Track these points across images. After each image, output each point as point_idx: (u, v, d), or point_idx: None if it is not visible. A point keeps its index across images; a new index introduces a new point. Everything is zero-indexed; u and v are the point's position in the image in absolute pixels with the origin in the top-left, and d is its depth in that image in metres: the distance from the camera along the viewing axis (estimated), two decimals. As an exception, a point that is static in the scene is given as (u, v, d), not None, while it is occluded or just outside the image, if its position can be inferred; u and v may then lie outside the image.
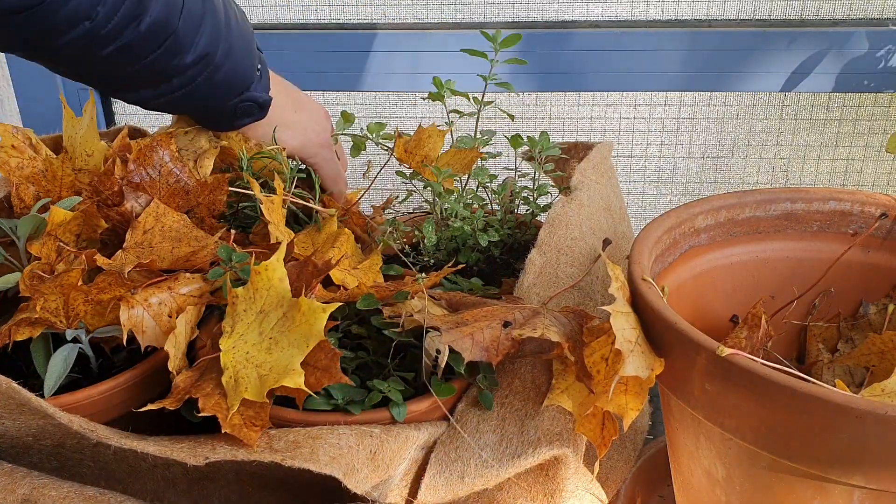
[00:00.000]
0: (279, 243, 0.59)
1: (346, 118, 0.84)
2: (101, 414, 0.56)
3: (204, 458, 0.48)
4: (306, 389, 0.50)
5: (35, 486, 0.49)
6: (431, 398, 0.57)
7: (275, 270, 0.55)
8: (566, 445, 0.55)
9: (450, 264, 0.68)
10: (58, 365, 0.57)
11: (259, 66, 0.70)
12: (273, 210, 0.66)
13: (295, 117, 0.76)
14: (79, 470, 0.54)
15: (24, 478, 0.49)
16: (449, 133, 0.81)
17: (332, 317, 0.63)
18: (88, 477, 0.54)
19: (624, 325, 0.51)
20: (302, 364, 0.51)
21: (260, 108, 0.71)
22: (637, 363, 0.50)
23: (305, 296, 0.53)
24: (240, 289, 0.56)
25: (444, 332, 0.54)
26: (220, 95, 0.68)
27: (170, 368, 0.55)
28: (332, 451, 0.49)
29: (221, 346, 0.54)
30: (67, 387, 0.57)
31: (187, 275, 0.61)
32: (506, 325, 0.56)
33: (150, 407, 0.53)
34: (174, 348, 0.56)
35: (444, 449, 0.55)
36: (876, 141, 1.18)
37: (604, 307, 0.51)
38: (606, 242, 0.67)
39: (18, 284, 0.59)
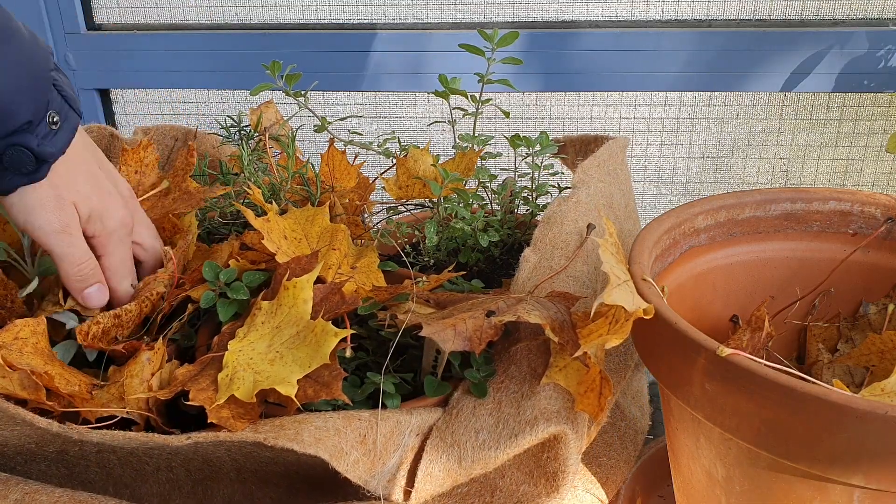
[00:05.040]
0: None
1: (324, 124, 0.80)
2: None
3: (186, 438, 0.49)
4: (295, 400, 0.51)
5: (27, 491, 0.50)
6: (431, 397, 0.57)
7: (302, 290, 0.56)
8: (564, 422, 0.55)
9: (450, 268, 0.68)
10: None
11: (52, 113, 0.54)
12: (272, 231, 0.64)
13: (98, 173, 0.60)
14: (87, 476, 0.54)
15: (17, 484, 0.50)
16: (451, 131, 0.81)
17: (335, 322, 0.64)
18: (97, 483, 0.54)
19: (613, 262, 0.51)
20: (304, 377, 0.52)
21: (36, 164, 0.54)
22: (623, 295, 0.50)
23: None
24: (265, 302, 0.57)
25: (426, 325, 0.54)
26: None
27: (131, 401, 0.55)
28: (317, 432, 0.49)
29: (229, 347, 0.55)
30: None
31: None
32: (489, 314, 0.56)
33: (140, 395, 0.54)
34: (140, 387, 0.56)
35: (440, 434, 0.55)
36: (876, 141, 1.18)
37: (594, 238, 0.51)
38: (591, 227, 0.67)
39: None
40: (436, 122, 1.21)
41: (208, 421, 0.50)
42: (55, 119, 0.55)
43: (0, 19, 0.52)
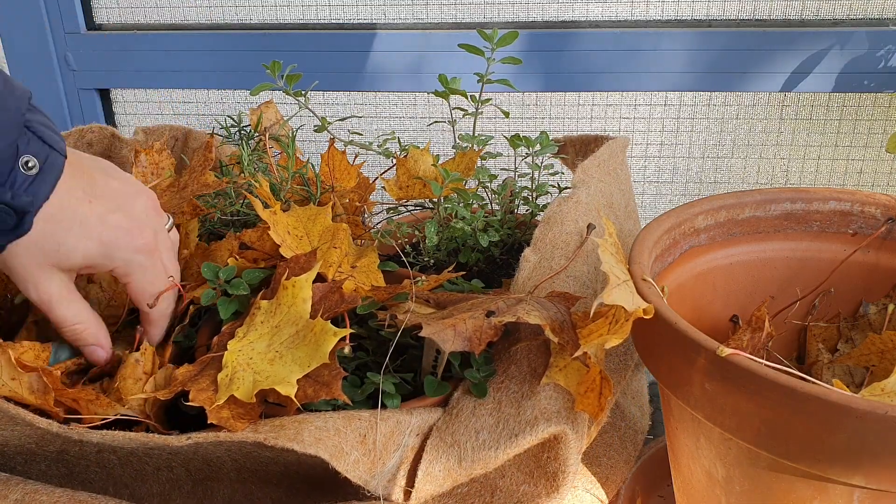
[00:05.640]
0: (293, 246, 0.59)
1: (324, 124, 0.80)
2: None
3: (187, 438, 0.49)
4: (295, 400, 0.51)
5: (27, 490, 0.50)
6: (431, 397, 0.57)
7: (301, 289, 0.56)
8: (564, 422, 0.55)
9: (450, 268, 0.68)
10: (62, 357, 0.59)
11: (27, 158, 0.49)
12: (278, 223, 0.64)
13: (88, 209, 0.53)
14: (87, 476, 0.54)
15: (18, 484, 0.50)
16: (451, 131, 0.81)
17: (335, 321, 0.64)
18: (97, 483, 0.54)
19: (612, 262, 0.51)
20: (304, 376, 0.52)
21: (16, 217, 0.49)
22: (623, 294, 0.49)
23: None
24: (264, 302, 0.57)
25: (426, 325, 0.54)
26: None
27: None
28: (317, 432, 0.49)
29: (229, 347, 0.55)
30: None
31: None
32: (489, 314, 0.56)
33: (140, 396, 0.55)
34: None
35: (440, 434, 0.55)
36: (876, 141, 1.18)
37: (594, 238, 0.51)
38: (591, 227, 0.67)
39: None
40: (436, 122, 1.21)
41: (208, 421, 0.50)
42: (30, 164, 0.49)
43: None
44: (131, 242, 0.55)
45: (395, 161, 0.79)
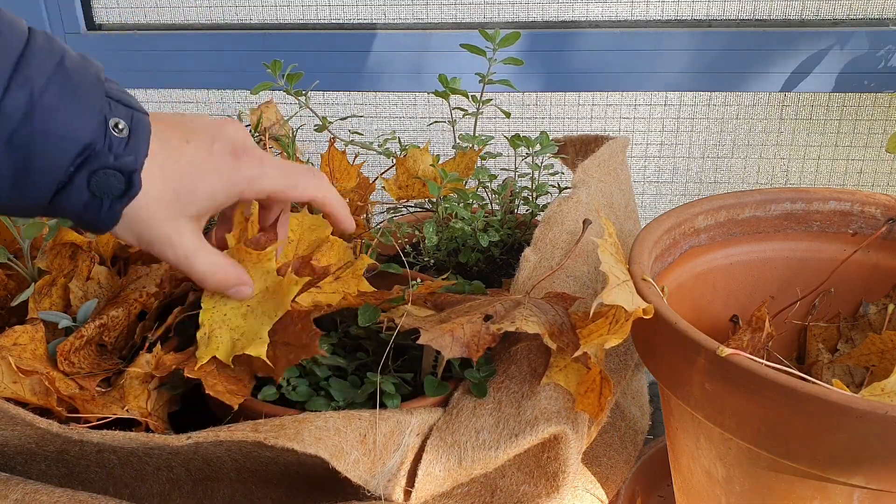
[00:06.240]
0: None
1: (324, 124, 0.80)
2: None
3: (187, 438, 0.49)
4: (268, 362, 0.53)
5: (27, 491, 0.50)
6: (431, 397, 0.57)
7: (269, 260, 0.58)
8: (565, 423, 0.55)
9: (445, 275, 0.68)
10: None
11: (116, 120, 0.49)
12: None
13: (190, 149, 0.53)
14: (87, 476, 0.54)
15: (18, 484, 0.51)
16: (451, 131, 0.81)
17: (330, 318, 0.64)
18: (97, 483, 0.54)
19: (612, 262, 0.51)
20: (281, 343, 0.54)
21: (126, 179, 0.49)
22: (623, 294, 0.50)
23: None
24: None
25: (424, 331, 0.54)
26: (37, 161, 0.46)
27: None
28: (317, 432, 0.50)
29: (203, 304, 0.57)
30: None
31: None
32: (487, 318, 0.56)
33: (135, 368, 0.56)
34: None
35: (441, 434, 0.55)
36: (876, 141, 1.18)
37: (593, 238, 0.51)
38: (587, 223, 0.67)
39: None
40: (436, 122, 1.21)
41: (205, 391, 0.52)
42: (120, 126, 0.49)
43: (47, 43, 0.48)
44: (247, 159, 0.54)
45: (394, 161, 0.79)
